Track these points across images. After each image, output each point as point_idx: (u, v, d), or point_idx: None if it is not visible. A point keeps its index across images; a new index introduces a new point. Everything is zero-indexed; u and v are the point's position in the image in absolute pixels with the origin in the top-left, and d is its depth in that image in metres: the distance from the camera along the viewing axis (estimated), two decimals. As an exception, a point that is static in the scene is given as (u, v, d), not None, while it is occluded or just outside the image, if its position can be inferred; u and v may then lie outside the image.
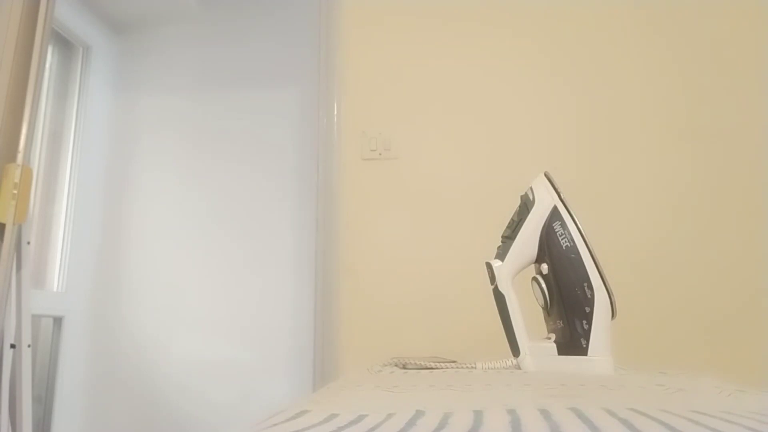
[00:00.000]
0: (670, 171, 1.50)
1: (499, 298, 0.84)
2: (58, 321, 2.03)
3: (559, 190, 0.83)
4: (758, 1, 1.54)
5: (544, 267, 0.81)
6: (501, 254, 0.85)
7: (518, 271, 0.84)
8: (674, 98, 1.53)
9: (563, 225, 0.80)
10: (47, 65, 2.01)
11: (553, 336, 0.80)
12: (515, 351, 0.82)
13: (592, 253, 0.78)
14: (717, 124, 1.50)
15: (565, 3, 1.61)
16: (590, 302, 0.77)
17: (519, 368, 0.81)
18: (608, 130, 1.54)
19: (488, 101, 1.60)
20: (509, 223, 0.87)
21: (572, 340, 0.78)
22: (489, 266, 0.85)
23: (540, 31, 1.61)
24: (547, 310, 0.82)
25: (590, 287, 0.77)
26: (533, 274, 0.84)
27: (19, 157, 1.42)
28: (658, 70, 1.55)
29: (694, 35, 1.56)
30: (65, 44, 2.17)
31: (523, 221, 0.84)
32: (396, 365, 0.85)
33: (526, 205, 0.85)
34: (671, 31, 1.57)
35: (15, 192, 1.38)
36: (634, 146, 1.52)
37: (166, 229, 2.21)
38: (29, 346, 1.38)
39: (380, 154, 1.59)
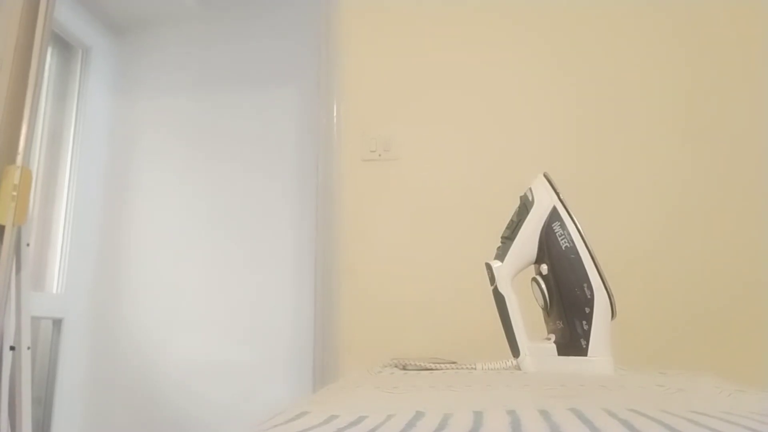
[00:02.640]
0: (670, 171, 1.50)
1: (499, 299, 0.84)
2: (57, 323, 2.03)
3: (558, 191, 0.83)
4: (760, 0, 1.54)
5: (544, 267, 0.81)
6: (501, 255, 0.85)
7: (518, 272, 0.84)
8: (675, 98, 1.53)
9: (563, 225, 0.80)
10: (47, 67, 2.01)
11: (553, 336, 0.81)
12: (515, 351, 0.82)
13: (592, 253, 0.78)
14: (718, 124, 1.50)
15: (565, 5, 1.61)
16: (590, 303, 0.77)
17: (519, 369, 0.81)
18: (608, 131, 1.54)
19: (488, 102, 1.60)
20: (509, 223, 0.87)
21: (572, 340, 0.78)
22: (489, 267, 0.85)
23: (539, 34, 1.61)
24: (547, 310, 0.82)
25: (590, 288, 0.77)
26: (533, 274, 0.84)
27: (19, 158, 1.42)
28: (658, 70, 1.55)
29: (695, 35, 1.56)
30: (65, 46, 2.17)
31: (523, 222, 0.84)
32: (396, 366, 0.85)
33: (525, 206, 0.85)
34: (672, 31, 1.57)
35: (14, 194, 1.38)
36: (633, 146, 1.52)
37: (165, 229, 2.21)
38: (29, 348, 1.38)
39: (380, 155, 1.59)
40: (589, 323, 0.76)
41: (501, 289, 0.83)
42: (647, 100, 1.54)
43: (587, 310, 0.77)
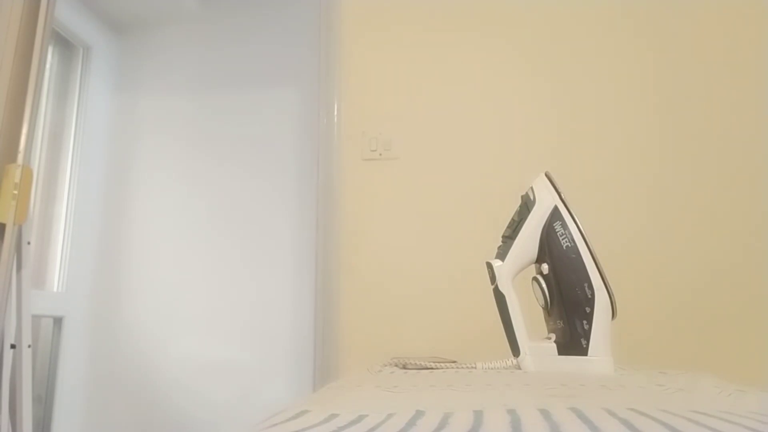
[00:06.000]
0: (671, 171, 1.50)
1: (500, 298, 0.84)
2: (58, 321, 2.03)
3: (559, 190, 0.83)
4: (756, 1, 1.54)
5: (545, 267, 0.81)
6: (501, 254, 0.85)
7: (519, 271, 0.84)
8: (676, 99, 1.53)
9: (564, 225, 0.80)
10: (47, 65, 2.01)
11: (553, 336, 0.81)
12: (515, 351, 0.82)
13: (593, 253, 0.78)
14: (718, 124, 1.50)
15: (565, 4, 1.61)
16: (590, 302, 0.77)
17: (519, 368, 0.81)
18: (609, 131, 1.54)
19: (488, 101, 1.60)
20: (510, 222, 0.87)
21: (572, 340, 0.78)
22: (489, 266, 0.85)
23: (540, 33, 1.61)
24: (548, 310, 0.82)
25: (590, 287, 0.77)
26: (533, 274, 0.84)
27: (20, 157, 1.42)
28: (659, 70, 1.55)
29: (695, 35, 1.56)
30: (65, 44, 2.17)
31: (524, 221, 0.84)
32: (396, 365, 0.85)
33: (526, 205, 0.85)
34: (672, 32, 1.57)
35: (15, 192, 1.38)
36: (635, 146, 1.52)
37: (166, 229, 2.21)
38: (29, 346, 1.38)
39: (380, 155, 1.59)
40: (590, 323, 0.76)
41: (501, 289, 0.83)
42: (650, 101, 1.54)
43: (588, 309, 0.77)
